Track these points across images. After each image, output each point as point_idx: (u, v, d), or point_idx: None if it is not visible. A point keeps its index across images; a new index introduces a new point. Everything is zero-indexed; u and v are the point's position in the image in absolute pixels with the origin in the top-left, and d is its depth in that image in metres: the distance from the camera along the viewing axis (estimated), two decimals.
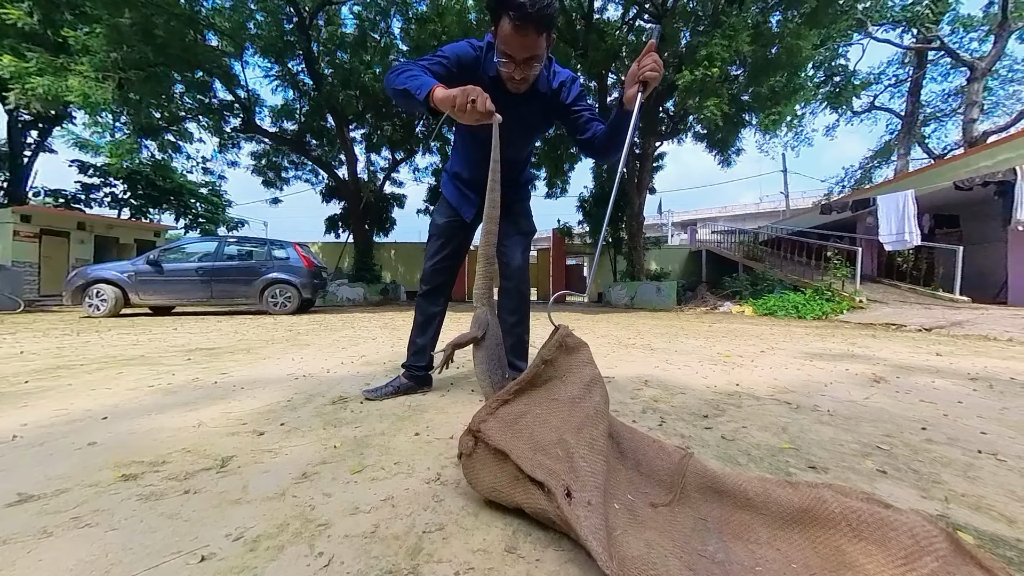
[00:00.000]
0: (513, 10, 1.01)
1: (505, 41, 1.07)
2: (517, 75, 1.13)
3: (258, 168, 12.96)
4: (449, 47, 1.20)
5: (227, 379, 1.92)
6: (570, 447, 0.74)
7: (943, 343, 3.38)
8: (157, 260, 6.42)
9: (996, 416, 1.39)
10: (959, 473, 0.95)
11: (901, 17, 13.57)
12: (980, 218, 8.05)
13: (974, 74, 12.97)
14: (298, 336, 3.68)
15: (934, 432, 1.22)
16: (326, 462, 1.00)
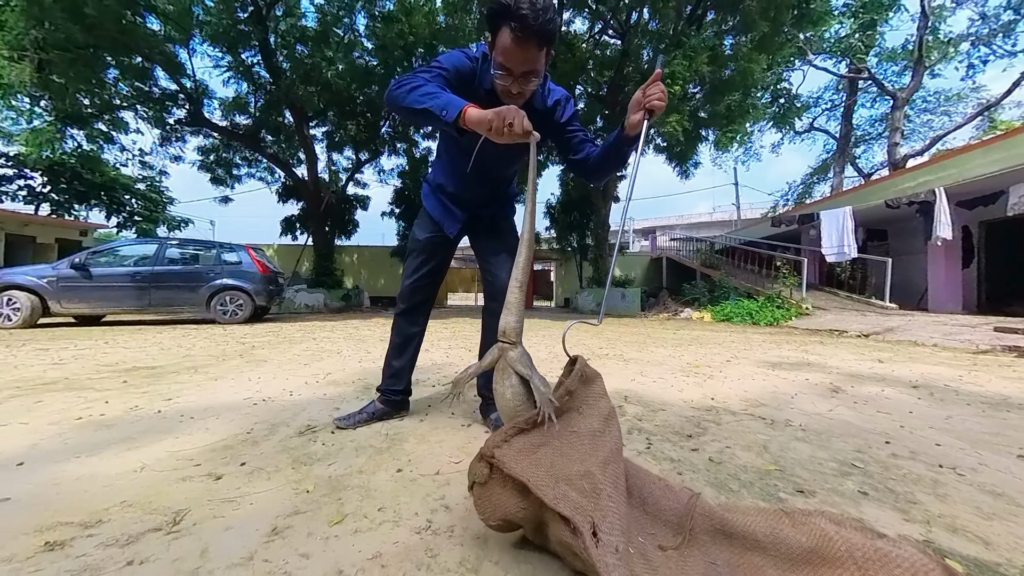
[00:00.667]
0: (515, 21, 0.96)
1: (504, 53, 1.02)
2: (514, 89, 1.08)
3: (206, 164, 12.05)
4: (446, 57, 1.14)
5: (173, 407, 1.71)
6: (597, 482, 0.70)
7: (881, 349, 3.69)
8: (84, 264, 5.75)
9: (944, 426, 1.50)
10: (929, 491, 1.00)
11: (836, 48, 14.97)
12: (905, 233, 8.98)
13: (896, 103, 14.54)
14: (253, 350, 3.40)
15: (897, 446, 1.30)
16: (299, 512, 0.89)
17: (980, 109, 16.05)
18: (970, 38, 15.70)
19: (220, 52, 9.86)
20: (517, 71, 1.04)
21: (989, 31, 15.39)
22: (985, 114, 15.97)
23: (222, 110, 11.08)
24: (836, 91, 17.91)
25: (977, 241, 8.32)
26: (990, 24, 15.39)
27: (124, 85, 8.85)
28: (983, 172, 6.32)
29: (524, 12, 0.95)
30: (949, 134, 16.37)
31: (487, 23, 1.04)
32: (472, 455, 1.20)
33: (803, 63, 15.62)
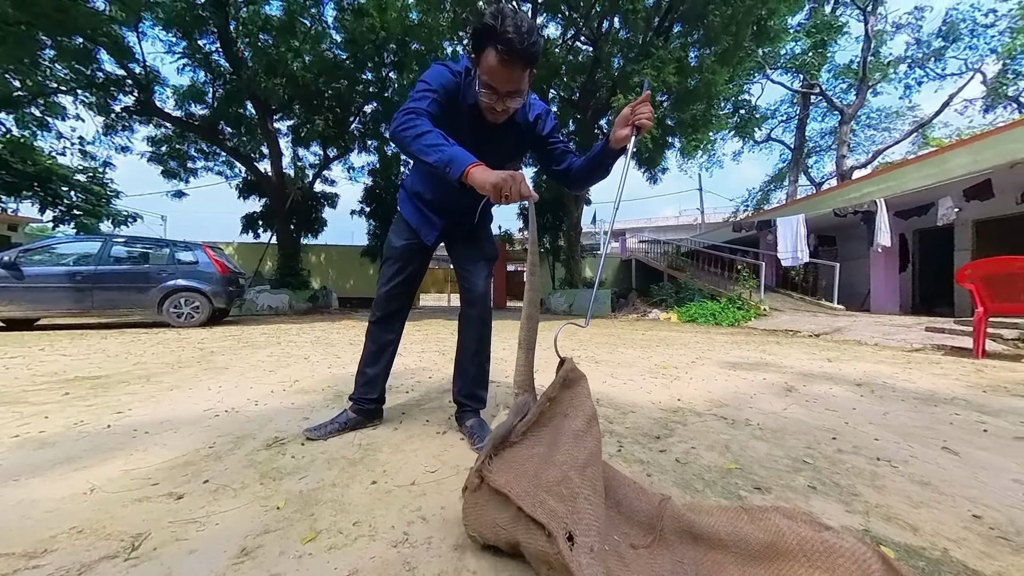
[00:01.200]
0: (501, 44, 0.99)
1: (490, 73, 1.05)
2: (499, 107, 1.12)
3: (157, 156, 11.28)
4: (433, 76, 1.14)
5: (124, 421, 1.60)
6: (574, 487, 0.74)
7: (830, 348, 3.98)
8: (15, 262, 5.24)
9: (882, 421, 1.65)
10: (868, 483, 1.10)
11: (791, 64, 15.97)
12: (851, 239, 9.70)
13: (843, 118, 15.69)
14: (212, 356, 3.23)
15: (842, 441, 1.41)
16: (269, 530, 0.86)
17: (915, 127, 17.60)
18: (907, 60, 17.19)
19: (174, 37, 9.26)
20: (502, 90, 1.08)
21: (923, 55, 16.92)
22: (919, 131, 17.53)
23: (176, 99, 10.40)
24: (791, 104, 19.10)
25: (912, 248, 9.12)
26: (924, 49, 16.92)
27: (62, 67, 8.13)
28: (917, 186, 6.94)
29: (510, 36, 0.98)
30: (888, 148, 17.85)
31: (472, 43, 1.07)
32: (448, 463, 1.21)
33: (761, 77, 16.58)
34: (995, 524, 0.90)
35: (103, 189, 13.47)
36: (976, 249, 7.74)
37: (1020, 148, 5.40)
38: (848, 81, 17.11)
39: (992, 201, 6.64)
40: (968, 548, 0.82)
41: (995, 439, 1.45)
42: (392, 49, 10.13)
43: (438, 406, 1.81)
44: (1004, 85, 15.68)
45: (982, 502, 1.00)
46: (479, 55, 1.06)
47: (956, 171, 6.27)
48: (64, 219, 12.94)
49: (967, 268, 3.47)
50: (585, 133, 11.21)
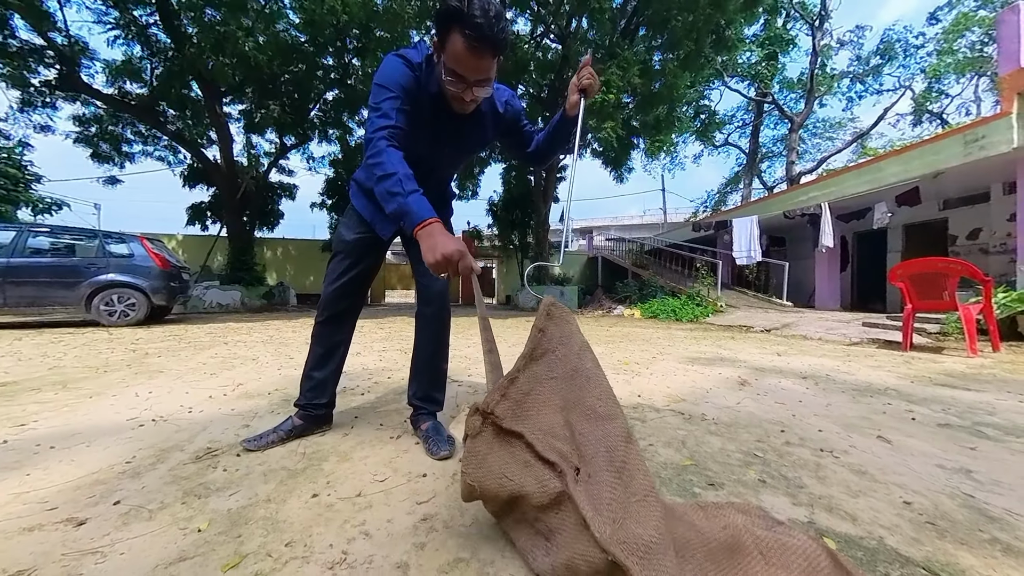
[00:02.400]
0: (469, 29, 0.92)
1: (457, 60, 0.98)
2: (467, 97, 1.05)
3: (85, 137, 10.21)
4: (389, 77, 1.05)
5: (26, 434, 1.41)
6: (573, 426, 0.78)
7: (780, 343, 4.21)
8: None
9: (824, 412, 1.74)
10: (812, 475, 1.14)
11: (747, 73, 16.83)
12: (799, 240, 10.37)
13: (793, 126, 16.75)
14: (146, 359, 2.94)
15: (790, 434, 1.47)
16: (186, 557, 0.76)
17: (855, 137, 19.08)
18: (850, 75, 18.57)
19: (103, 5, 8.38)
20: (470, 79, 1.01)
21: (863, 71, 18.34)
22: (859, 141, 19.02)
23: (107, 75, 9.43)
24: (746, 111, 20.14)
25: (851, 249, 9.88)
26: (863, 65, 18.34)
27: None
28: (855, 191, 7.50)
29: (478, 20, 0.92)
30: (832, 156, 19.24)
31: (436, 26, 0.99)
32: (400, 470, 1.14)
33: (720, 84, 17.36)
34: (923, 510, 0.96)
35: (20, 172, 12.04)
36: (905, 250, 8.51)
37: (942, 159, 5.95)
38: (798, 92, 18.29)
39: (919, 207, 7.31)
40: (900, 535, 0.86)
41: (921, 426, 1.56)
42: (355, 35, 9.69)
43: (394, 409, 1.73)
44: (929, 101, 17.34)
45: (911, 488, 1.06)
46: (444, 40, 0.98)
47: (889, 179, 6.83)
48: None
49: (897, 268, 3.77)
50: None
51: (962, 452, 1.31)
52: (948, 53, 15.91)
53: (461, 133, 1.21)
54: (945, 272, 3.50)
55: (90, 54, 9.07)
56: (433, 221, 0.93)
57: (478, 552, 0.78)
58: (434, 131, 1.17)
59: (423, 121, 1.12)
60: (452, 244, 0.89)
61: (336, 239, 1.37)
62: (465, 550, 0.79)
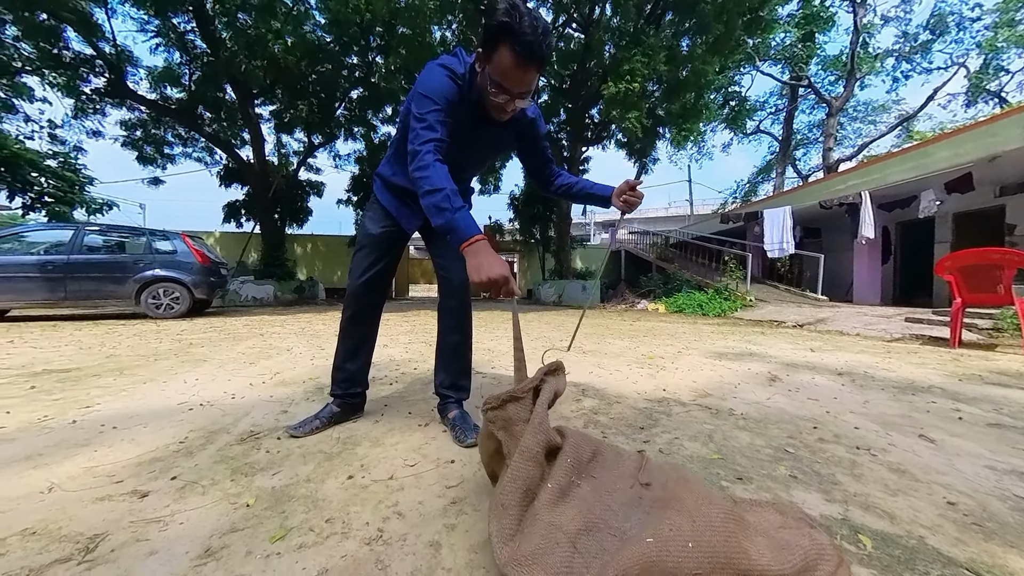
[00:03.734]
0: (519, 45, 0.96)
1: (504, 74, 1.01)
2: (509, 108, 1.10)
3: (131, 141, 10.85)
4: (434, 88, 1.08)
5: (92, 415, 1.54)
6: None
7: (814, 339, 4.04)
8: None
9: (862, 410, 1.67)
10: (847, 472, 1.11)
11: (781, 56, 15.97)
12: (836, 231, 9.86)
13: (831, 110, 15.82)
14: (190, 348, 3.14)
15: (823, 431, 1.42)
16: (237, 529, 0.83)
17: (900, 120, 17.83)
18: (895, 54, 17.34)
19: (146, 15, 8.83)
20: (515, 91, 1.05)
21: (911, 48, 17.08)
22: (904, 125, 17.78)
23: (150, 81, 9.97)
24: (780, 97, 19.18)
25: (894, 240, 9.31)
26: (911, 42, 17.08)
27: (27, 45, 7.70)
28: (900, 179, 7.05)
29: (528, 37, 0.95)
30: (874, 141, 18.09)
31: (484, 39, 1.01)
32: (429, 456, 1.18)
33: (751, 68, 16.56)
34: (969, 511, 0.91)
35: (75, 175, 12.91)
36: (955, 241, 7.93)
37: (999, 142, 5.50)
38: (836, 74, 17.22)
39: (972, 194, 6.79)
40: (943, 535, 0.82)
41: (969, 426, 1.48)
42: (378, 32, 9.84)
43: (421, 398, 1.78)
44: (985, 80, 15.97)
45: (956, 489, 1.01)
46: (491, 53, 1.01)
47: (938, 164, 6.38)
48: (34, 207, 12.42)
49: (946, 260, 3.54)
50: (575, 122, 11.10)
51: (1015, 454, 1.23)
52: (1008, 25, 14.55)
53: (492, 139, 1.26)
54: (1000, 263, 3.25)
55: (135, 62, 9.60)
56: (480, 239, 0.98)
57: None
58: (470, 137, 1.21)
59: (461, 128, 1.15)
60: (498, 268, 0.94)
61: (361, 233, 1.41)
62: None
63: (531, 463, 0.78)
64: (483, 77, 1.06)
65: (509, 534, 0.69)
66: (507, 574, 0.64)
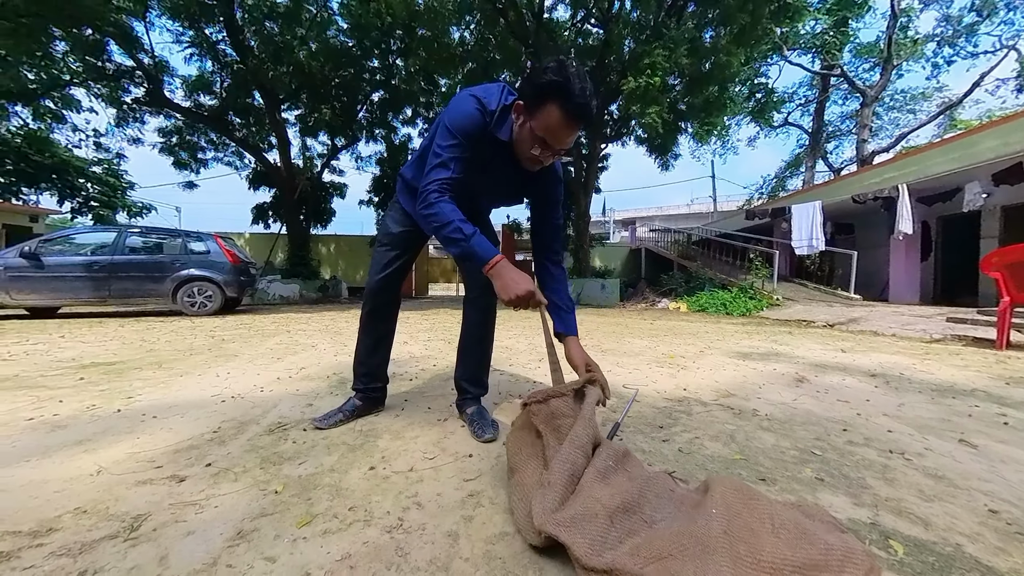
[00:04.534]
0: (571, 106, 0.97)
1: (549, 131, 1.01)
2: (546, 161, 1.10)
3: (168, 147, 11.41)
4: (458, 124, 1.08)
5: (134, 405, 1.64)
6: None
7: (845, 339, 3.88)
8: (36, 252, 5.39)
9: (896, 413, 1.59)
10: (879, 476, 1.06)
11: (811, 44, 15.31)
12: (869, 227, 9.40)
13: (865, 100, 15.05)
14: (223, 344, 3.28)
15: (853, 433, 1.37)
16: (266, 513, 0.87)
17: (942, 108, 16.80)
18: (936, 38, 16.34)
19: (181, 27, 9.26)
20: (557, 149, 1.05)
21: (953, 32, 16.06)
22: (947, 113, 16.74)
23: (184, 89, 10.46)
24: (810, 87, 18.39)
25: (935, 235, 8.79)
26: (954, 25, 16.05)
27: (75, 59, 8.21)
28: (942, 170, 6.65)
29: (579, 100, 0.96)
30: (913, 132, 17.11)
31: (531, 93, 1.01)
32: (447, 450, 1.20)
33: (779, 58, 15.94)
34: (1013, 519, 0.86)
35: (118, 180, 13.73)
36: (1003, 236, 7.42)
37: None
38: (871, 61, 16.35)
39: (1021, 186, 6.34)
40: (983, 543, 0.78)
41: (1016, 432, 1.39)
42: (398, 35, 10.00)
43: (440, 394, 1.81)
44: None
45: (999, 496, 0.96)
46: (537, 108, 1.01)
47: (985, 154, 5.98)
48: (82, 210, 13.29)
49: (993, 256, 3.32)
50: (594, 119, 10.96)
51: None
52: None
53: (510, 179, 1.24)
54: None
55: (171, 71, 10.09)
56: (499, 260, 1.03)
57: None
58: (493, 177, 1.21)
59: (482, 165, 1.15)
60: (524, 284, 1.01)
61: (382, 231, 1.44)
62: (510, 525, 0.83)
63: (579, 451, 0.85)
64: (523, 130, 1.06)
65: (551, 508, 0.73)
66: (546, 531, 0.69)
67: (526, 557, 0.73)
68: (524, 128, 1.06)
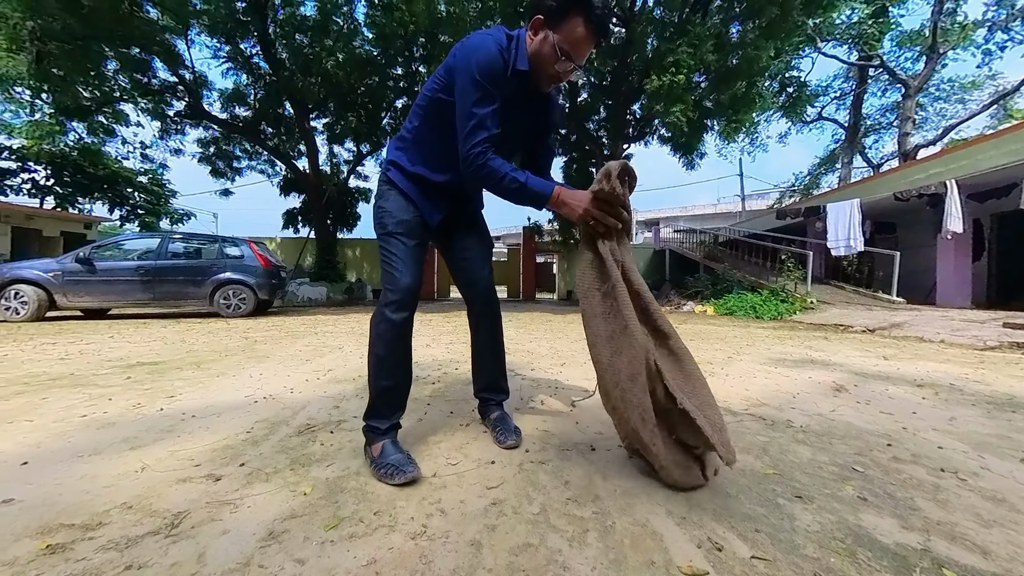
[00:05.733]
0: (594, 17, 1.01)
1: (574, 44, 1.04)
2: (567, 77, 1.14)
3: (206, 157, 12.04)
4: (485, 68, 1.03)
5: (175, 405, 1.73)
6: None
7: (887, 345, 3.66)
8: (89, 258, 5.79)
9: (947, 427, 1.49)
10: (929, 497, 0.99)
11: (846, 35, 14.58)
12: (913, 225, 8.85)
13: (908, 91, 14.20)
14: (255, 345, 3.42)
15: (899, 449, 1.28)
16: (296, 515, 0.90)
17: (995, 97, 15.62)
18: (987, 23, 15.24)
19: (218, 43, 9.77)
20: (580, 61, 1.08)
21: (1007, 16, 14.93)
22: (1001, 102, 15.57)
23: (221, 102, 11.03)
24: (846, 79, 17.51)
25: (988, 234, 8.18)
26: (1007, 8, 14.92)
27: (124, 77, 8.80)
28: (996, 164, 6.18)
29: (600, 10, 1.01)
30: (962, 123, 15.98)
31: (555, 9, 1.03)
32: (470, 456, 1.21)
33: (812, 50, 15.25)
34: None
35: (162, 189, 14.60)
36: None
37: None
38: (915, 50, 15.39)
39: None
40: None
41: None
42: (421, 43, 10.20)
43: (463, 397, 1.82)
44: None
45: None
46: (559, 22, 1.03)
47: None
48: (130, 218, 14.20)
49: None
50: (616, 119, 10.83)
51: None
52: None
53: (535, 116, 1.23)
54: None
55: (209, 85, 10.65)
56: (559, 191, 1.08)
57: (546, 540, 0.81)
58: (513, 119, 1.14)
59: (506, 108, 1.10)
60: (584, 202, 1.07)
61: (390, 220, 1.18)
62: (534, 536, 0.82)
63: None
64: (544, 44, 1.05)
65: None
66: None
67: (550, 571, 0.72)
68: (545, 43, 1.05)
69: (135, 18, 7.72)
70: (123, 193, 13.84)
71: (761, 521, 0.88)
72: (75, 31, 6.81)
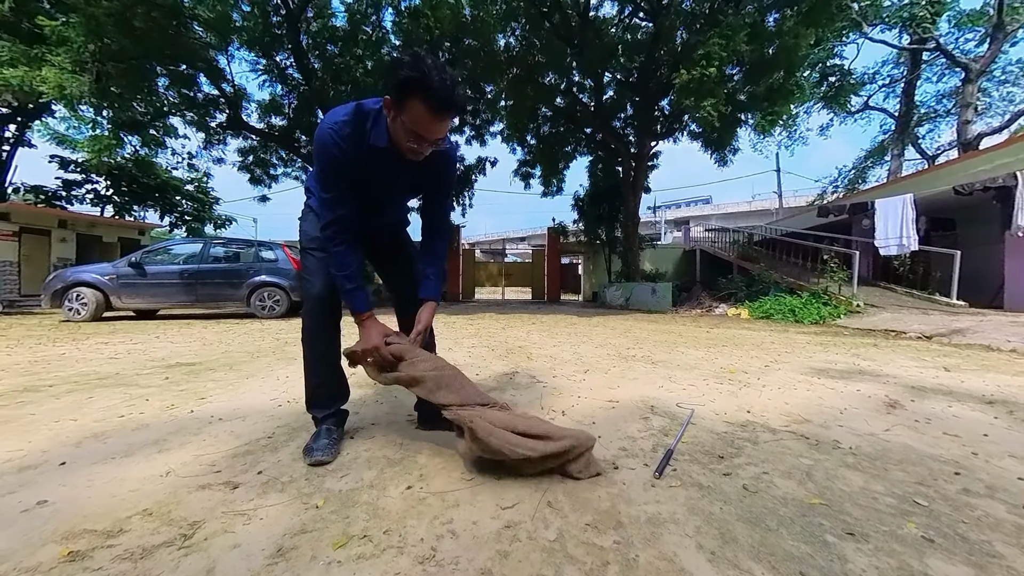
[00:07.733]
0: (433, 98, 1.00)
1: (418, 124, 1.05)
2: (425, 152, 1.12)
3: (245, 165, 12.67)
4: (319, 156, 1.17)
5: (205, 407, 1.78)
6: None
7: (947, 354, 3.33)
8: (140, 262, 6.21)
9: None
10: (1012, 540, 0.86)
11: (896, 18, 13.58)
12: (976, 221, 8.09)
13: (969, 75, 13.04)
14: (285, 347, 3.53)
15: (969, 479, 1.13)
16: (306, 530, 0.88)
17: None
18: None
19: (256, 56, 10.26)
20: (432, 138, 1.08)
21: None
22: None
23: (259, 112, 11.58)
24: (896, 65, 16.31)
25: None
26: None
27: (172, 92, 9.40)
28: None
29: (438, 90, 0.98)
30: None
31: (394, 90, 1.04)
32: (485, 470, 1.16)
33: (858, 36, 14.31)
34: None
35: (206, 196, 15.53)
36: None
37: None
38: (976, 31, 14.11)
39: None
40: None
41: None
42: (446, 47, 10.32)
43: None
44: None
45: None
46: (403, 104, 1.03)
47: None
48: (178, 224, 15.20)
49: None
50: (643, 115, 10.56)
51: None
52: None
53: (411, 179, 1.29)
54: None
55: (248, 97, 11.22)
56: (368, 316, 1.33)
57: (561, 571, 0.75)
58: (385, 180, 1.25)
59: (373, 171, 1.19)
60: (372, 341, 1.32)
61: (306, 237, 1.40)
62: (548, 567, 0.76)
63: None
64: (396, 124, 1.08)
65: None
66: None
67: None
68: (396, 123, 1.08)
69: (182, 36, 8.24)
70: (172, 201, 14.84)
71: (807, 562, 0.78)
72: (130, 51, 7.33)
